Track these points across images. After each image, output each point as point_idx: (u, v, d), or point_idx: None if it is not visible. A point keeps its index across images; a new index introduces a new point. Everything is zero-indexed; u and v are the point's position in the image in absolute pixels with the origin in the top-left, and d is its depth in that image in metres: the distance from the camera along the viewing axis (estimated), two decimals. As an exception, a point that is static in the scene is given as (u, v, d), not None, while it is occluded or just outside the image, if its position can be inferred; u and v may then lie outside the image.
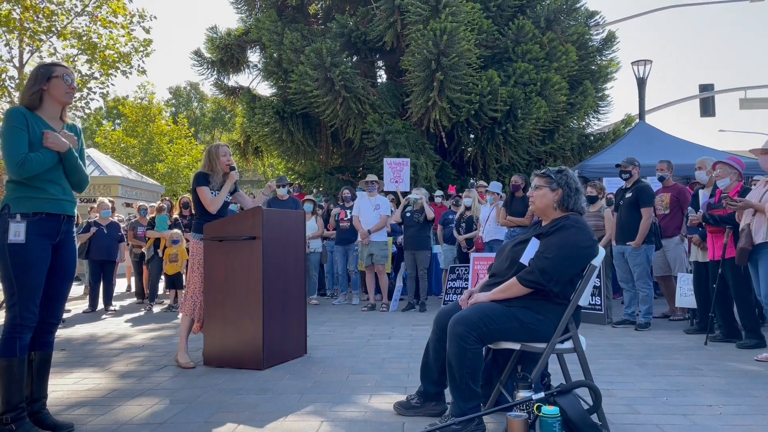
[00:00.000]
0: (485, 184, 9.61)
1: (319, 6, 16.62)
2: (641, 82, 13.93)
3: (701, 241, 6.04)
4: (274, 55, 14.55)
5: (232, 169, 5.06)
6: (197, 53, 16.21)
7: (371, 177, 8.94)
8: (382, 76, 16.04)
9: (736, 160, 5.77)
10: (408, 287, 8.69)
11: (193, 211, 7.32)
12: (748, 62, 69.80)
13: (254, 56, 16.87)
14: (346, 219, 9.07)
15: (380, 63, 15.97)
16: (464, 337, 3.03)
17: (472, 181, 11.42)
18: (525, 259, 3.22)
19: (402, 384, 4.16)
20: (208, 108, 42.00)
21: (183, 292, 7.35)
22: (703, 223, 5.76)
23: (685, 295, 6.39)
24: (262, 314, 4.64)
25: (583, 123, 15.37)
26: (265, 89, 16.85)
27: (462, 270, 8.62)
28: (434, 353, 3.41)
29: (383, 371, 4.58)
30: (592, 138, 15.54)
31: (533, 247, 3.25)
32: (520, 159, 13.95)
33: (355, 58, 15.16)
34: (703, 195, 6.15)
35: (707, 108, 18.79)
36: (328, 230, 9.78)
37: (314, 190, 13.43)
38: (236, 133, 20.18)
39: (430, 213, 8.28)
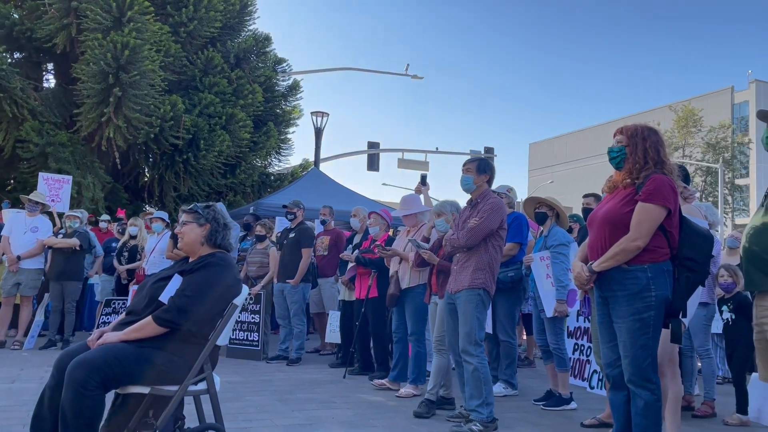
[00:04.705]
0: (153, 212, 9.12)
1: (-27, -13, 14.03)
2: (318, 132, 15.14)
3: (348, 281, 6.66)
4: None
5: None
6: None
7: (37, 196, 7.75)
8: (49, 81, 14.21)
9: (386, 213, 6.59)
10: (51, 321, 7.62)
11: None
12: (407, 127, 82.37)
13: None
14: (-25, 240, 7.60)
15: (49, 66, 14.15)
16: (84, 383, 2.74)
17: (145, 207, 10.78)
18: (165, 297, 3.08)
19: (12, 439, 3.55)
20: None
21: None
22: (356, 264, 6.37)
23: (333, 331, 6.94)
24: None
25: (266, 162, 16.01)
26: None
27: (119, 304, 7.93)
28: (50, 401, 2.97)
29: (-10, 425, 3.85)
30: (272, 177, 16.20)
31: (175, 284, 3.13)
32: (200, 190, 13.72)
33: (17, 55, 13.16)
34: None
35: (373, 163, 21.32)
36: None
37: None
38: None
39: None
